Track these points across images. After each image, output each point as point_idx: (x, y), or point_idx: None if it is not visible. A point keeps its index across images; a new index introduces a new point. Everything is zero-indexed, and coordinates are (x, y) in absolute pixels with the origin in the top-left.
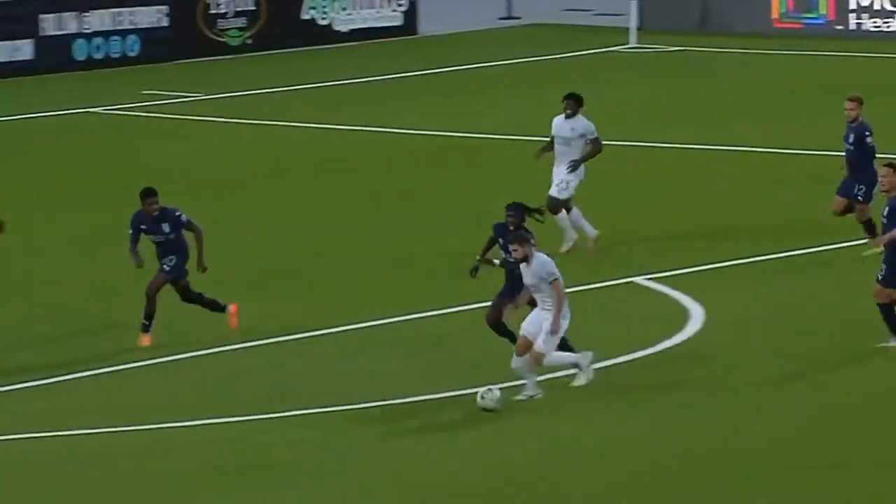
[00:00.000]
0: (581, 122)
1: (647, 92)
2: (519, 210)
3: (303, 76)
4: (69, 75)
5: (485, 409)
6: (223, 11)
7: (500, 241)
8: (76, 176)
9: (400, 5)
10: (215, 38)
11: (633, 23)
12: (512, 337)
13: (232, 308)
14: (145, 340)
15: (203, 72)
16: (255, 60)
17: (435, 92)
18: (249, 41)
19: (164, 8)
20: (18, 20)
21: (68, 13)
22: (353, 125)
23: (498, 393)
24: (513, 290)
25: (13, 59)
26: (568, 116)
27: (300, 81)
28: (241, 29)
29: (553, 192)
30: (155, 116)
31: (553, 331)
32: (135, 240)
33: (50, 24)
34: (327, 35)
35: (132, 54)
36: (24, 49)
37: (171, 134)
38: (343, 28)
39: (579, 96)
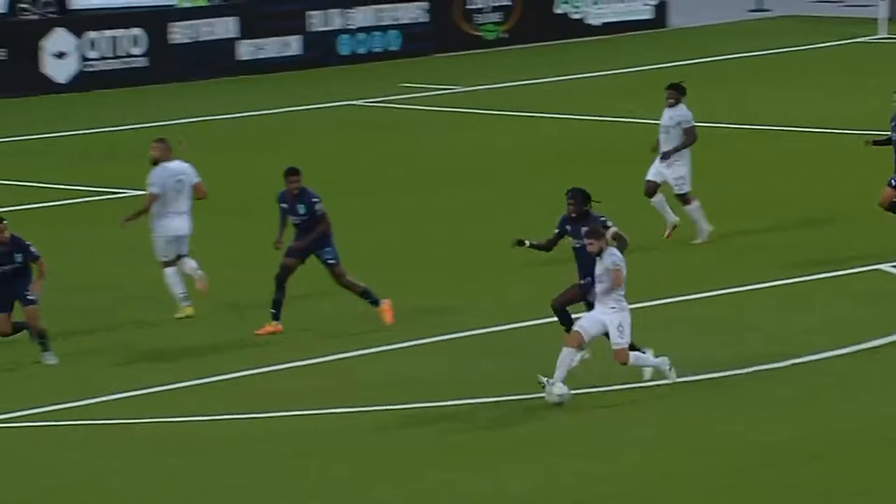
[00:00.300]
0: (679, 112)
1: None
2: (578, 196)
3: (555, 69)
4: (333, 69)
5: (559, 401)
6: (480, 7)
7: (568, 227)
8: (337, 165)
9: None
10: (472, 32)
11: (882, 13)
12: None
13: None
14: (388, 314)
15: (460, 65)
16: (510, 54)
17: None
18: (505, 35)
19: (425, 4)
20: (288, 17)
21: (334, 10)
22: (604, 116)
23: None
24: (584, 276)
25: (282, 54)
26: (670, 106)
27: (553, 74)
28: (497, 23)
29: (676, 191)
30: (413, 109)
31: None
32: (281, 217)
33: (317, 20)
34: (580, 29)
35: (393, 49)
36: (292, 45)
37: (428, 125)
38: (595, 22)
39: (680, 85)
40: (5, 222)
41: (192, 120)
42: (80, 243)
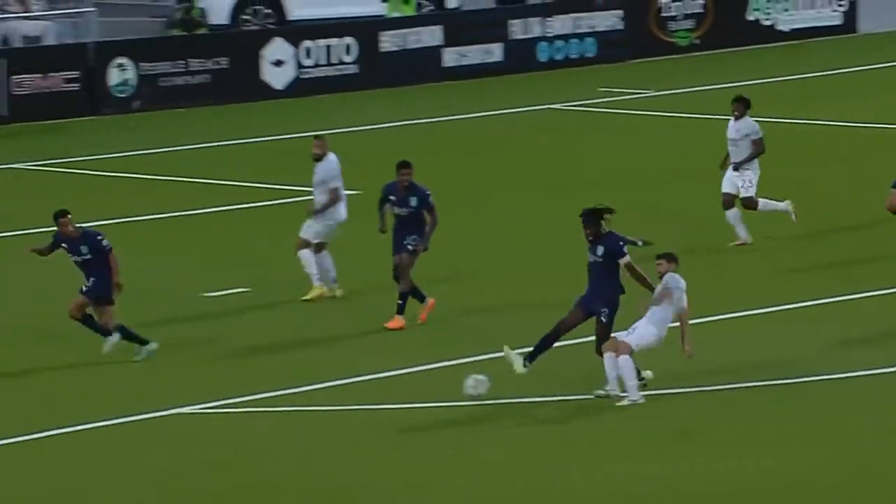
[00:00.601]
0: (746, 124)
1: None
2: (591, 219)
3: (746, 73)
4: (533, 75)
5: (473, 396)
6: (673, 14)
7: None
8: (536, 166)
9: (840, 5)
10: (665, 39)
11: None
12: (538, 351)
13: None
14: (394, 324)
15: (653, 70)
16: (702, 59)
17: (872, 88)
18: (697, 41)
19: (620, 12)
20: (490, 26)
21: (534, 18)
22: (791, 119)
23: (473, 382)
24: (592, 290)
25: (485, 61)
26: (736, 119)
27: (743, 78)
28: (689, 30)
29: (743, 193)
30: (608, 112)
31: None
32: (381, 206)
33: (517, 28)
34: (770, 34)
35: (589, 55)
36: (494, 52)
37: (623, 128)
38: (785, 28)
39: (746, 99)
40: (69, 216)
41: (399, 123)
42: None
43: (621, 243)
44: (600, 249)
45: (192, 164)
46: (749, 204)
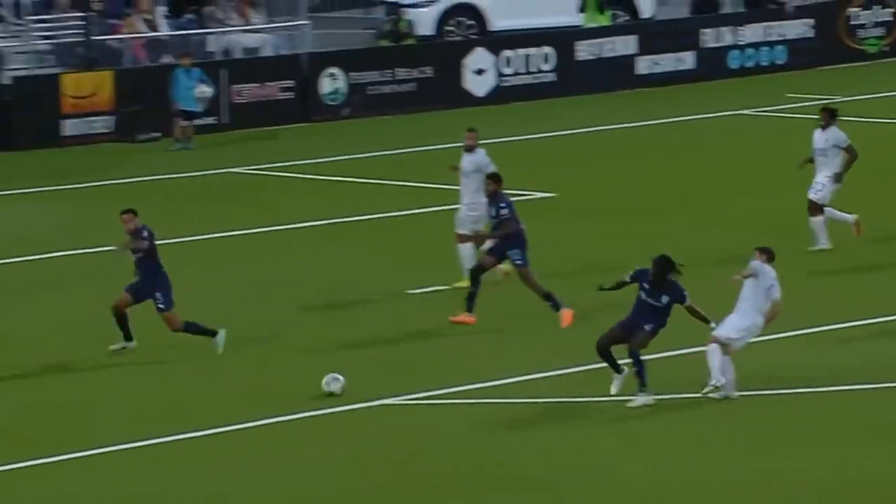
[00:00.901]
0: (833, 133)
1: None
2: (667, 266)
3: None
4: (724, 82)
5: (331, 394)
6: (863, 23)
7: (646, 286)
8: (728, 168)
9: None
10: (855, 46)
11: None
12: (614, 365)
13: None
14: (567, 318)
15: (842, 77)
16: (890, 66)
17: None
18: (886, 48)
19: (811, 21)
20: (683, 35)
21: (725, 27)
22: None
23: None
24: (635, 321)
25: (677, 68)
26: (822, 128)
27: None
28: (878, 38)
29: (809, 194)
30: (797, 117)
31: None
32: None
33: (709, 37)
34: None
35: (779, 62)
36: (686, 60)
37: (811, 133)
38: None
39: (832, 109)
40: (131, 213)
41: (594, 129)
42: None
43: (685, 293)
44: (665, 298)
45: (397, 168)
46: (813, 207)
